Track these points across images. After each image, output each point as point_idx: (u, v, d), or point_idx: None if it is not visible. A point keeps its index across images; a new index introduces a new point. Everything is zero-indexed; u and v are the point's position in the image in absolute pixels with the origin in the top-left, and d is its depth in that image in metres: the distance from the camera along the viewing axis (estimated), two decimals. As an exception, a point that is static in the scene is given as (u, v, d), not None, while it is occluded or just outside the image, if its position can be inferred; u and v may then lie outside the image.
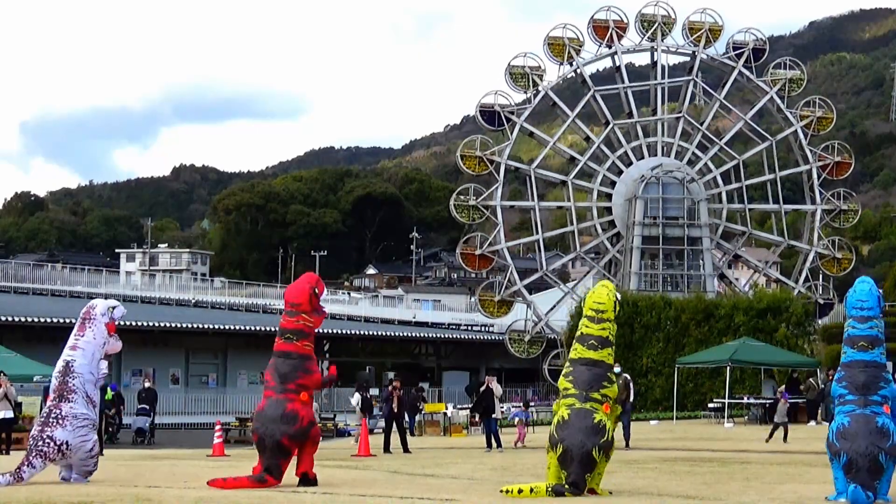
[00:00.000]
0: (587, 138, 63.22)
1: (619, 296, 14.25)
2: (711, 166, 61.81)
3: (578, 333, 13.90)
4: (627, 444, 27.25)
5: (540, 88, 60.29)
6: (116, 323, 15.53)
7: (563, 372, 13.96)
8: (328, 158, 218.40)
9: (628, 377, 30.09)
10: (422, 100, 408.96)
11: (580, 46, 60.97)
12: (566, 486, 13.21)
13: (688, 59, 63.93)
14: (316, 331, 15.19)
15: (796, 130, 61.69)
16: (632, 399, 30.02)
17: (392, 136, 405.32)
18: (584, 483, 13.26)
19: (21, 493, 13.07)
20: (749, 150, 65.07)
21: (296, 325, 14.90)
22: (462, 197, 59.67)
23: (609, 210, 61.41)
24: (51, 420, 14.65)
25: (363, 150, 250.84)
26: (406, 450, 26.81)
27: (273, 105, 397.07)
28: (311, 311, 14.96)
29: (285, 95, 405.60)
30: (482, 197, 59.17)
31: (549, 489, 13.28)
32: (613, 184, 61.19)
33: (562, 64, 61.03)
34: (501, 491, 13.54)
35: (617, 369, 30.13)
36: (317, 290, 15.07)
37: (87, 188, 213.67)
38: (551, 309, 60.89)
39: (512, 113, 59.90)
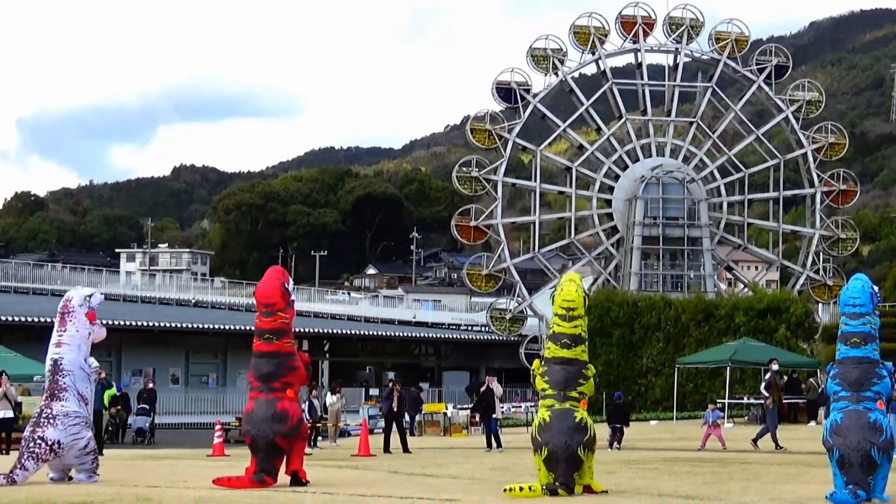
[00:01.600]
0: (598, 129, 63.25)
1: (585, 287, 14.21)
2: (717, 175, 61.78)
3: (550, 332, 13.98)
4: (777, 445, 25.91)
5: (560, 73, 60.35)
6: (96, 310, 15.23)
7: (539, 371, 13.96)
8: (328, 158, 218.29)
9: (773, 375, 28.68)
10: (422, 100, 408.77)
11: (605, 36, 61.08)
12: (558, 486, 13.32)
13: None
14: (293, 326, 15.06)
15: (806, 153, 61.70)
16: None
17: (392, 136, 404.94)
18: (573, 482, 13.38)
19: (21, 493, 13.07)
20: (754, 158, 65.01)
21: (273, 325, 14.69)
22: (465, 168, 59.78)
23: (609, 203, 61.54)
24: (42, 420, 14.48)
25: (363, 151, 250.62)
26: (406, 450, 26.80)
27: (273, 104, 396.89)
28: (285, 307, 14.77)
29: (285, 95, 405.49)
30: (485, 170, 59.29)
31: (545, 488, 13.35)
32: (617, 177, 61.30)
33: (584, 52, 61.13)
34: (505, 490, 13.56)
35: (775, 367, 29.49)
36: (286, 284, 14.85)
37: (87, 188, 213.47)
38: (537, 291, 61.09)
39: (527, 91, 59.97)
